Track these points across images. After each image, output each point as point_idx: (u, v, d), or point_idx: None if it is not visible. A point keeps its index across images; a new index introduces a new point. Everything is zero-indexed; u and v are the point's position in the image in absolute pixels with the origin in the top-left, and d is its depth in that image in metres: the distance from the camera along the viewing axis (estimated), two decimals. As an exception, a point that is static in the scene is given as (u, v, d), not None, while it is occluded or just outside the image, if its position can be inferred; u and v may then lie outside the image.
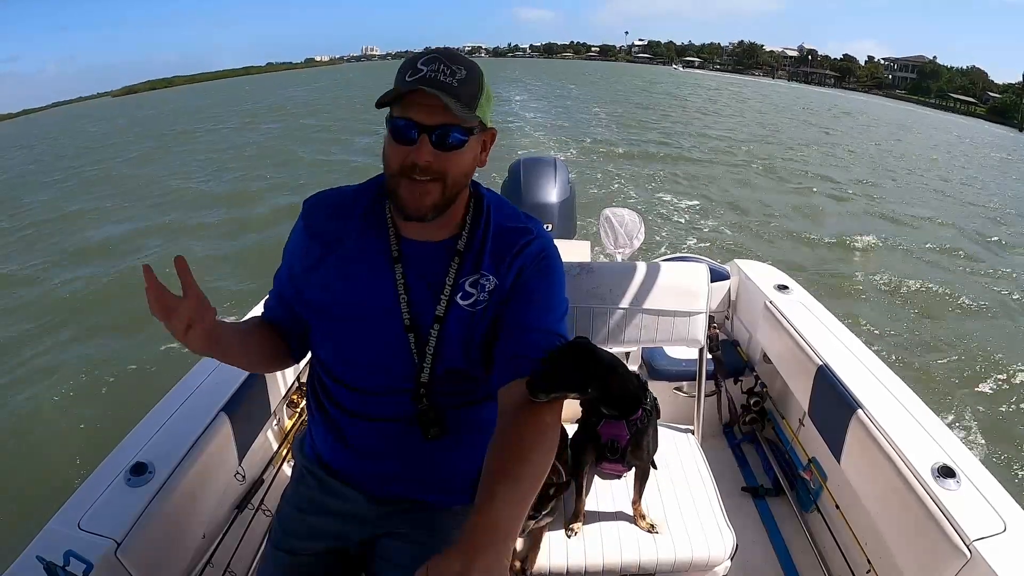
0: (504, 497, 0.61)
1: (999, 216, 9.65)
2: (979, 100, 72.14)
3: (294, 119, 19.58)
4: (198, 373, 1.29)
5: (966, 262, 6.91)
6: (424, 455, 0.85)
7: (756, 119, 21.88)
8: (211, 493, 1.16)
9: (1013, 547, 0.88)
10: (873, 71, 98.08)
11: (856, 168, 12.63)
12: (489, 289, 0.81)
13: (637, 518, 1.17)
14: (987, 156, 20.22)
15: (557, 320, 0.81)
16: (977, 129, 38.63)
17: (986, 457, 3.20)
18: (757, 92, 43.39)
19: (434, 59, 0.72)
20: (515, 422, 0.70)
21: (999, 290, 5.99)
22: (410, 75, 0.71)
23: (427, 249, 0.82)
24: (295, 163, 11.19)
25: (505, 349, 0.78)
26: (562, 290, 0.84)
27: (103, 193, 9.98)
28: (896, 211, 9.06)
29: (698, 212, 7.95)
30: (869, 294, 5.60)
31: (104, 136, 20.55)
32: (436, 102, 0.70)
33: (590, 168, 9.94)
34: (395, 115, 0.73)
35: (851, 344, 1.43)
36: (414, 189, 0.74)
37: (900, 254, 6.95)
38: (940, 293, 5.60)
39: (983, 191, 12.23)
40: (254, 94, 37.08)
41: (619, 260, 2.10)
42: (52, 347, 4.54)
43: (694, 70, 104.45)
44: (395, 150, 0.74)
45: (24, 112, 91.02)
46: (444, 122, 0.72)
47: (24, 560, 0.85)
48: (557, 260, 0.85)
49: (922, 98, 77.19)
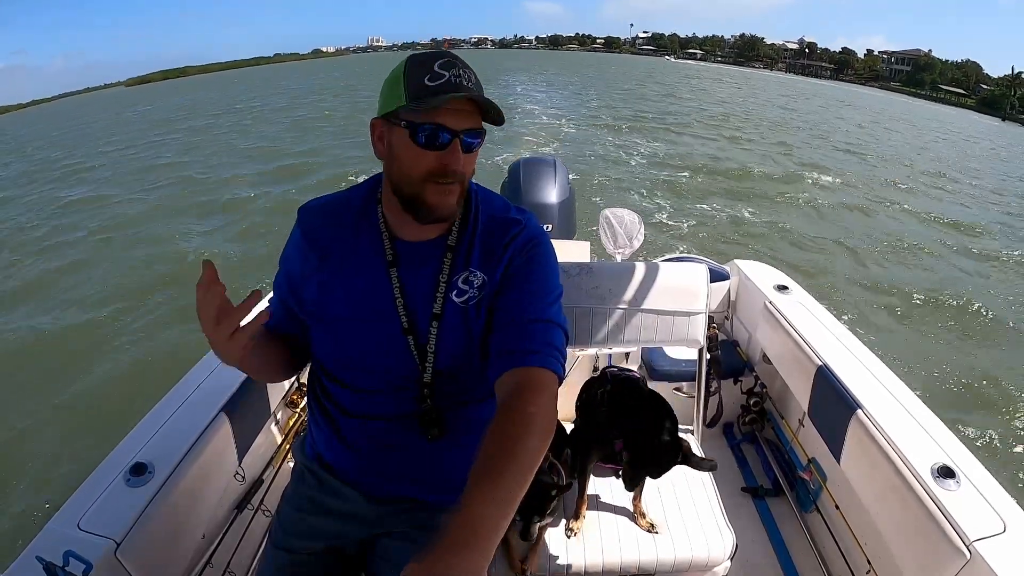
0: (487, 495, 0.58)
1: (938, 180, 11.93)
2: (971, 92, 75.77)
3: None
4: (198, 373, 1.29)
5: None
6: (424, 455, 0.85)
7: (717, 100, 26.54)
8: (211, 493, 1.16)
9: (1013, 547, 0.88)
10: (871, 64, 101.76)
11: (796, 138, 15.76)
12: (478, 285, 0.81)
13: (637, 517, 1.17)
14: (963, 140, 23.68)
15: (549, 305, 0.79)
16: (956, 116, 42.89)
17: (986, 457, 3.21)
18: (739, 80, 47.55)
19: (450, 63, 0.72)
20: (500, 418, 0.68)
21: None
22: (431, 79, 0.70)
23: (421, 249, 0.82)
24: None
25: (499, 341, 0.77)
26: (555, 275, 0.83)
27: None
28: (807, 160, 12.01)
29: (657, 158, 11.26)
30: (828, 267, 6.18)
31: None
32: (465, 107, 0.71)
33: (583, 135, 13.61)
34: (419, 121, 0.72)
35: (851, 344, 1.43)
36: (442, 191, 0.74)
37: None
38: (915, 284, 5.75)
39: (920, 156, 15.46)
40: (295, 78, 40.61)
41: (619, 260, 2.10)
42: (52, 346, 4.54)
43: (686, 60, 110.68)
44: (421, 156, 0.73)
45: (33, 103, 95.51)
46: (471, 126, 0.73)
47: (24, 560, 0.85)
48: (547, 246, 0.84)
49: (915, 90, 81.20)
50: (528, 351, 0.74)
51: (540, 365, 0.73)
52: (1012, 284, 6.17)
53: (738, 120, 18.44)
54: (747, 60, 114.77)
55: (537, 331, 0.76)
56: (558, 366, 0.75)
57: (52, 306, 5.28)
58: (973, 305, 5.29)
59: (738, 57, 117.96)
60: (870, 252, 6.70)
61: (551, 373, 0.73)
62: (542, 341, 0.75)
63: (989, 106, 63.79)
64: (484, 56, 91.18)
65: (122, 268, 6.00)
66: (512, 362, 0.74)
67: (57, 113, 39.93)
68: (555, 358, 0.75)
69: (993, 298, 5.62)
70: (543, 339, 0.75)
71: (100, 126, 22.30)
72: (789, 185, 9.47)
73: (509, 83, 27.67)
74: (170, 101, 30.94)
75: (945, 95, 76.05)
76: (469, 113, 0.72)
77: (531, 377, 0.72)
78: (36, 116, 41.16)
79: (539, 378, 0.72)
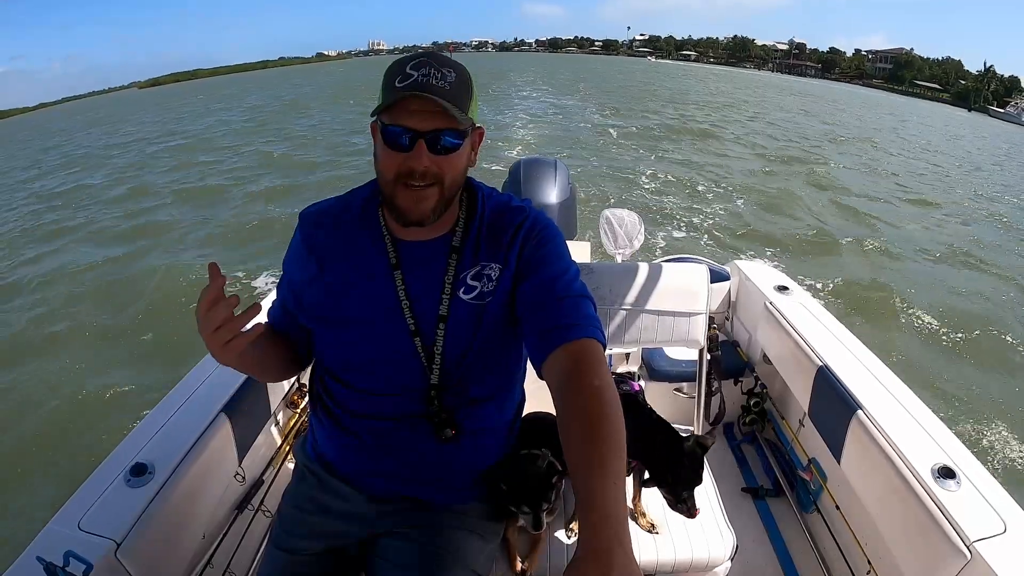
0: (604, 483, 0.57)
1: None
2: (949, 87, 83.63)
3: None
4: (198, 373, 1.29)
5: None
6: (430, 454, 0.85)
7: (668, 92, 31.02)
8: (211, 493, 1.16)
9: (1013, 547, 0.88)
10: (858, 63, 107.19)
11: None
12: (496, 277, 0.81)
13: (637, 516, 1.17)
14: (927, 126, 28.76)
15: (572, 281, 0.79)
16: (927, 108, 50.78)
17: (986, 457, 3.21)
18: (712, 77, 54.38)
19: (423, 63, 0.71)
20: (568, 399, 0.67)
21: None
22: (400, 80, 0.70)
23: (424, 249, 0.82)
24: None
25: (536, 325, 0.76)
26: (568, 254, 0.84)
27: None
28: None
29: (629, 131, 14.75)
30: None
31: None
32: (430, 107, 0.70)
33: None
34: (387, 122, 0.72)
35: (851, 345, 1.43)
36: (412, 196, 0.74)
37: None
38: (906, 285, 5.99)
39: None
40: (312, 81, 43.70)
41: (619, 261, 2.10)
42: (53, 346, 4.54)
43: (665, 60, 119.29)
44: (390, 157, 0.73)
45: (41, 106, 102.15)
46: (439, 127, 0.72)
47: (24, 560, 0.84)
48: (554, 229, 0.85)
49: (893, 86, 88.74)
50: (570, 325, 0.73)
51: (587, 336, 0.72)
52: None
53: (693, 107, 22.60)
54: (739, 61, 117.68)
55: (572, 306, 0.76)
56: (601, 335, 0.74)
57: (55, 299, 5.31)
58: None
59: (730, 58, 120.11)
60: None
61: (597, 343, 0.73)
62: (580, 314, 0.75)
63: (963, 99, 71.29)
64: (485, 59, 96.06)
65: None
66: (558, 339, 0.72)
67: (87, 110, 43.14)
68: (596, 327, 0.74)
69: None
70: (579, 312, 0.75)
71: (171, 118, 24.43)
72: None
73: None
74: (238, 102, 31.80)
75: (921, 90, 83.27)
76: (437, 113, 0.70)
77: (583, 350, 0.71)
78: (60, 115, 43.48)
79: (591, 349, 0.71)
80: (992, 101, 66.88)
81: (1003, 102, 63.27)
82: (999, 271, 6.48)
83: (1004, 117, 49.94)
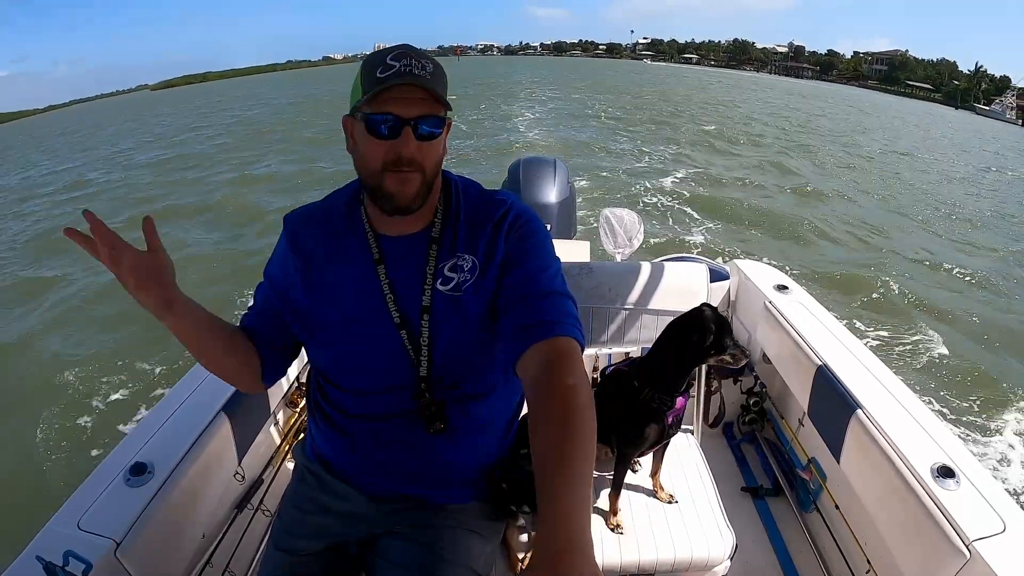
0: (565, 486, 0.55)
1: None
2: (942, 87, 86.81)
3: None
4: (198, 373, 1.29)
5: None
6: (425, 451, 0.85)
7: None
8: (211, 493, 1.16)
9: (1013, 547, 0.88)
10: (855, 65, 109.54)
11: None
12: (467, 268, 0.80)
13: (657, 489, 1.21)
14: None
15: (553, 278, 0.78)
16: (918, 107, 54.13)
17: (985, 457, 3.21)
18: (706, 79, 55.91)
19: (403, 54, 0.72)
20: (539, 397, 0.66)
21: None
22: (382, 71, 0.71)
23: (405, 243, 0.82)
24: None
25: (513, 320, 0.75)
26: (552, 249, 0.83)
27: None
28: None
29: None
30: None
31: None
32: (415, 95, 0.71)
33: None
34: (371, 112, 0.72)
35: (850, 344, 1.43)
36: (398, 178, 0.74)
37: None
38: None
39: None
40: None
41: (619, 260, 2.10)
42: (52, 345, 4.54)
43: (660, 63, 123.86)
44: (376, 146, 0.74)
45: (51, 107, 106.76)
46: (424, 113, 0.73)
47: (24, 560, 0.84)
48: (538, 222, 0.84)
49: (886, 86, 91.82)
50: (548, 322, 0.72)
51: (564, 335, 0.71)
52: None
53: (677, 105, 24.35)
54: (739, 63, 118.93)
55: (550, 304, 0.75)
56: (580, 335, 0.73)
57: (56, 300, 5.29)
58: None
59: (730, 61, 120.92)
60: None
61: (575, 342, 0.71)
62: (559, 312, 0.74)
63: (953, 99, 75.13)
64: (493, 63, 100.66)
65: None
66: (533, 336, 0.71)
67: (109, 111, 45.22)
68: (575, 327, 0.73)
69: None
70: (560, 310, 0.74)
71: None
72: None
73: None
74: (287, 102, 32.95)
75: (913, 91, 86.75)
76: (421, 101, 0.72)
77: (558, 348, 0.70)
78: (72, 116, 44.77)
79: (567, 348, 0.70)
80: (981, 100, 69.96)
81: (990, 100, 66.83)
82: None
83: (988, 114, 54.42)
